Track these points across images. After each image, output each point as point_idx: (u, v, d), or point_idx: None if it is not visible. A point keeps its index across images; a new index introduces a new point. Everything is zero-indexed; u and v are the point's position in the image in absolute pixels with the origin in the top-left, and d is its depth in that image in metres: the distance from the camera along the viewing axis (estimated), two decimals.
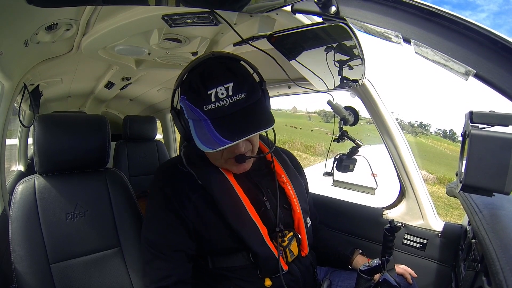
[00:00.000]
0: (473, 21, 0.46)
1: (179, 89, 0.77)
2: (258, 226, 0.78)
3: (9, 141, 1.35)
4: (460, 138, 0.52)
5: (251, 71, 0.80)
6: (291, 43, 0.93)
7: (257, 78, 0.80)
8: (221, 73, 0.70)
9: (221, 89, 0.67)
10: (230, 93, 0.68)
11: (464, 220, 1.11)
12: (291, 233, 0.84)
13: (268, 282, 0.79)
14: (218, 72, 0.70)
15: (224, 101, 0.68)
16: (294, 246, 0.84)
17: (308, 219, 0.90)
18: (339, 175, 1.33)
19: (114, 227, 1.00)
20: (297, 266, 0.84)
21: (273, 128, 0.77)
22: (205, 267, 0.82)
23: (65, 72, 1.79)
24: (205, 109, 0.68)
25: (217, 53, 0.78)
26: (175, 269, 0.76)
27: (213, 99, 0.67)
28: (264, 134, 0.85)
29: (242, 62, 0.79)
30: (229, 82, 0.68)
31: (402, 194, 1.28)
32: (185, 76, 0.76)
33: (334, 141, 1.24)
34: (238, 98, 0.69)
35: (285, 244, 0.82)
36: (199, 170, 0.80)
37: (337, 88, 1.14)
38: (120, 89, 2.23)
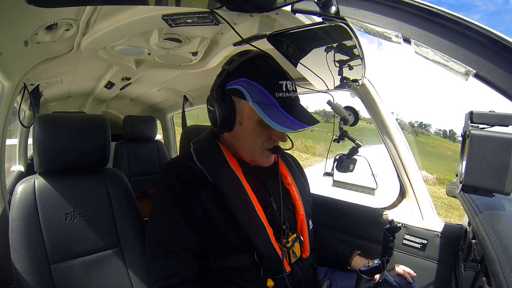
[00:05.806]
0: (473, 21, 0.46)
1: (233, 73, 0.77)
2: (265, 226, 0.78)
3: (9, 141, 1.35)
4: (460, 138, 0.52)
5: None
6: (291, 43, 0.93)
7: None
8: (283, 70, 0.80)
9: (289, 83, 0.77)
10: (294, 88, 0.78)
11: (464, 221, 1.11)
12: (294, 235, 0.85)
13: (270, 283, 0.79)
14: (281, 68, 0.80)
15: (291, 93, 0.77)
16: (297, 248, 0.84)
17: (310, 221, 0.90)
18: (339, 175, 1.33)
19: (114, 227, 1.00)
20: (299, 267, 0.84)
21: None
22: (207, 267, 0.82)
23: (65, 72, 1.79)
24: (276, 95, 0.74)
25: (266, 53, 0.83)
26: (181, 268, 0.75)
27: (284, 89, 0.75)
28: None
29: None
30: (291, 80, 0.79)
31: (402, 195, 1.28)
32: (241, 63, 0.77)
33: (334, 141, 1.24)
34: (296, 95, 0.79)
35: (288, 245, 0.82)
36: (210, 167, 0.80)
37: (337, 88, 1.13)
38: (120, 89, 2.23)
